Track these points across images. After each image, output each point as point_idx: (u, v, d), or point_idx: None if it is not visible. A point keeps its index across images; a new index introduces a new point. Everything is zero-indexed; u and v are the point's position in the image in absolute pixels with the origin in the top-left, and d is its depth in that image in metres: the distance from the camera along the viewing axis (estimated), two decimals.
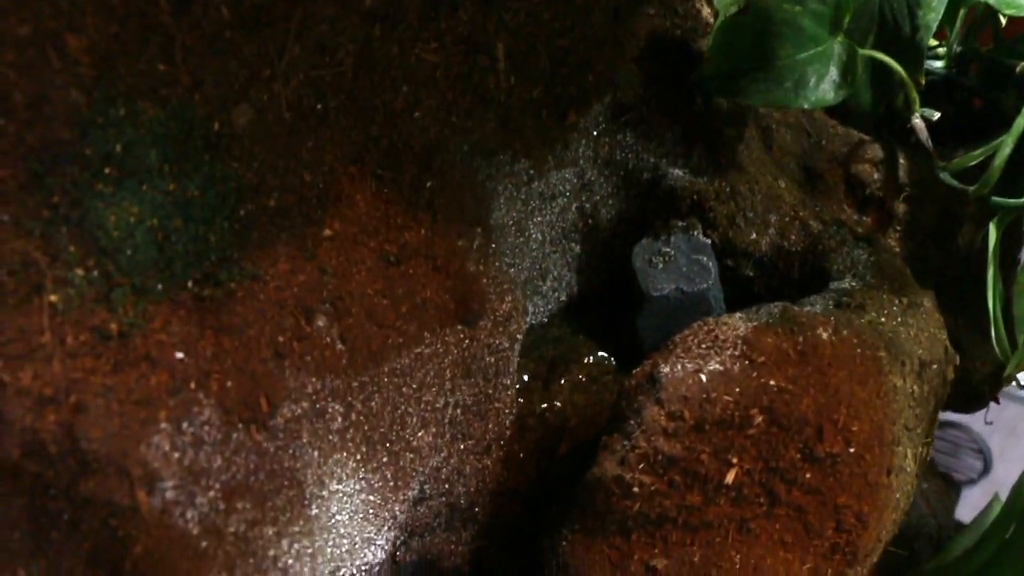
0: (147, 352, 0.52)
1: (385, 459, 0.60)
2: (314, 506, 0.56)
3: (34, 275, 0.52)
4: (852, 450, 0.61)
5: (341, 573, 0.57)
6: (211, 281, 0.55)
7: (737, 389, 0.60)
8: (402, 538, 0.69)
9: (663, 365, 0.62)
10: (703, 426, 0.60)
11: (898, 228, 0.85)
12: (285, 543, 0.54)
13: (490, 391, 0.69)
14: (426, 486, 0.67)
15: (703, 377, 0.60)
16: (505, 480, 0.72)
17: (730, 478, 0.61)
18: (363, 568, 0.59)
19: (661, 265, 0.74)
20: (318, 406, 0.57)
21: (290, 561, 0.54)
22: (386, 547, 0.60)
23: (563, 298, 0.79)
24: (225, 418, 0.53)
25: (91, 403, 0.50)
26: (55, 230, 0.52)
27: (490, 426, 0.70)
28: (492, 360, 0.68)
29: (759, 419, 0.60)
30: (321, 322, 0.58)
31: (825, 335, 0.62)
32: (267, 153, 0.59)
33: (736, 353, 0.61)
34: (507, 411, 0.71)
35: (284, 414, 0.55)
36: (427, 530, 0.70)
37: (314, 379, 0.57)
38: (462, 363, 0.65)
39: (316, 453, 0.57)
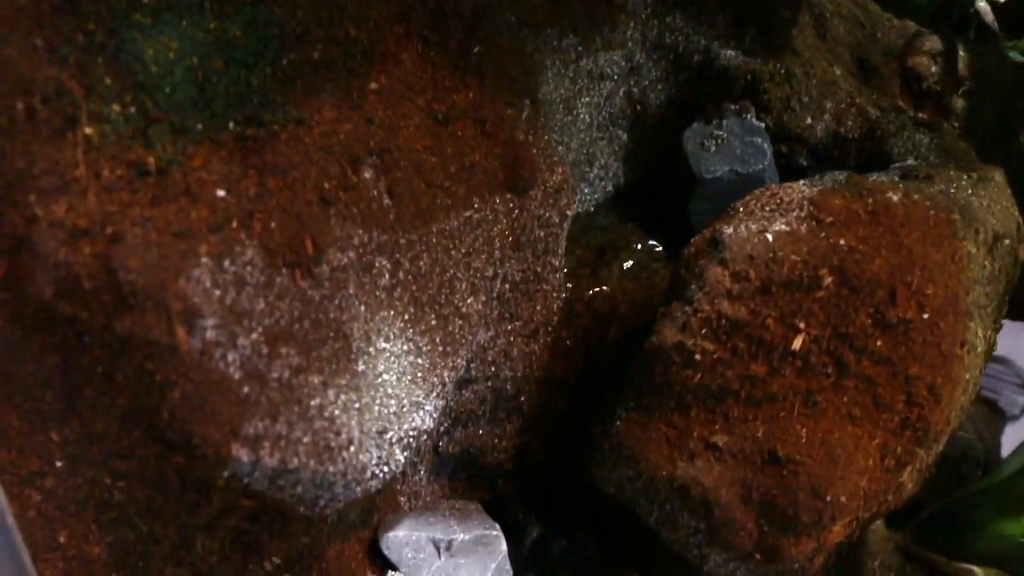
0: (187, 188, 0.49)
1: (434, 322, 0.57)
2: (361, 362, 0.53)
3: (68, 106, 0.49)
4: (926, 316, 0.57)
5: (388, 436, 0.54)
6: (254, 122, 0.52)
7: (805, 249, 0.57)
8: (445, 425, 0.66)
9: (726, 227, 0.58)
10: (769, 288, 0.57)
11: (956, 124, 0.81)
12: (331, 394, 0.51)
13: (539, 269, 0.66)
14: (472, 365, 0.64)
15: (769, 237, 0.57)
16: (552, 368, 0.69)
17: (797, 344, 0.57)
18: (411, 433, 0.55)
19: (714, 148, 0.71)
20: (365, 259, 0.54)
21: (336, 412, 0.51)
22: (434, 415, 0.57)
23: (610, 188, 0.76)
24: (269, 260, 0.50)
25: (128, 233, 0.47)
26: (90, 59, 0.50)
27: (538, 308, 0.67)
28: (542, 234, 0.65)
29: (828, 280, 0.56)
30: (368, 173, 0.55)
31: (896, 197, 0.59)
32: (311, 2, 0.56)
33: (803, 214, 0.58)
34: (555, 294, 0.68)
35: (330, 261, 0.52)
36: (471, 419, 0.67)
37: (361, 231, 0.54)
38: (511, 234, 0.62)
39: (363, 308, 0.53)
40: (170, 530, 0.57)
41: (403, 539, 0.58)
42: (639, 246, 0.71)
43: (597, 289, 0.68)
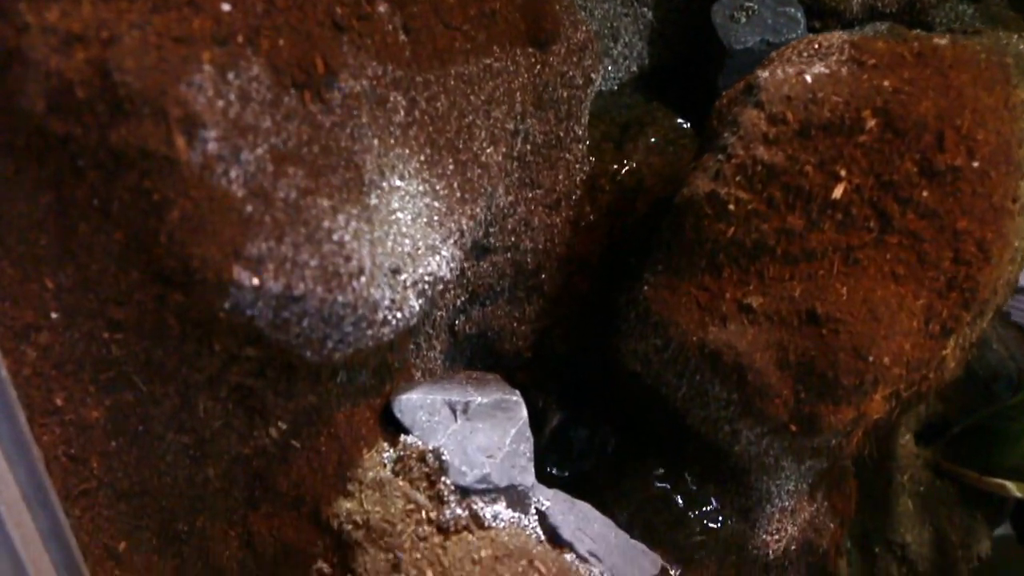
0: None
1: (452, 167, 0.53)
2: (374, 195, 0.49)
3: None
4: (976, 164, 0.54)
5: (402, 278, 0.51)
6: None
7: (847, 90, 0.53)
8: (462, 300, 0.63)
9: (762, 72, 0.55)
10: (808, 131, 0.53)
11: None
12: (341, 219, 0.47)
13: (561, 134, 0.62)
14: (492, 231, 0.60)
15: (808, 78, 0.53)
16: (574, 244, 0.65)
17: (837, 193, 0.53)
18: (426, 278, 0.52)
19: (744, 19, 0.67)
20: (379, 92, 0.50)
21: (347, 238, 0.47)
22: (451, 263, 0.53)
23: (634, 68, 0.72)
24: (276, 78, 0.47)
25: (125, 35, 0.44)
26: None
27: (560, 177, 0.63)
28: (564, 95, 0.61)
29: (871, 123, 0.53)
30: (383, 7, 0.52)
31: (943, 41, 0.55)
32: None
33: (844, 57, 0.54)
34: (578, 166, 0.64)
35: (341, 88, 0.48)
36: (489, 295, 0.64)
37: (375, 63, 0.50)
38: (533, 90, 0.59)
39: (376, 141, 0.50)
40: (170, 389, 0.54)
41: (417, 402, 0.55)
42: (666, 122, 0.68)
43: (622, 164, 0.65)
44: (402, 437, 0.54)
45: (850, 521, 0.74)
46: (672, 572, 0.68)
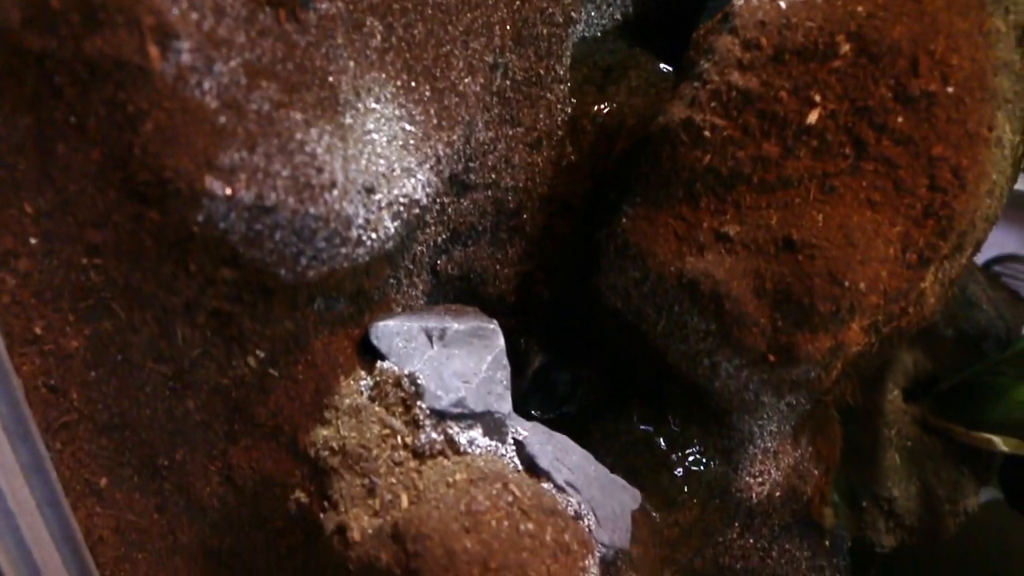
0: None
1: (428, 94, 0.54)
2: (348, 115, 0.50)
3: None
4: (950, 90, 0.54)
5: (377, 198, 0.51)
6: None
7: (821, 15, 0.53)
8: (443, 238, 0.63)
9: (737, 1, 0.55)
10: (782, 56, 0.53)
11: None
12: (314, 132, 0.47)
13: (541, 71, 0.62)
14: (472, 167, 0.61)
15: (782, 4, 0.54)
16: (556, 185, 0.65)
17: (812, 118, 0.54)
18: (402, 200, 0.52)
19: None
20: (355, 16, 0.51)
21: (319, 151, 0.47)
22: (427, 188, 0.54)
23: (617, 16, 0.73)
24: None
25: None
26: None
27: (541, 116, 0.63)
28: (544, 32, 0.62)
29: (845, 47, 0.53)
30: None
31: None
32: None
33: None
34: (559, 106, 0.65)
35: (317, 8, 0.49)
36: (471, 235, 0.64)
37: None
38: (512, 24, 0.59)
39: (352, 63, 0.50)
40: (148, 316, 0.54)
41: (394, 328, 0.55)
42: (649, 67, 0.68)
43: (604, 105, 0.65)
44: (379, 363, 0.54)
45: (835, 469, 0.74)
46: (655, 515, 0.68)
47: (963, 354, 0.87)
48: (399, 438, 0.54)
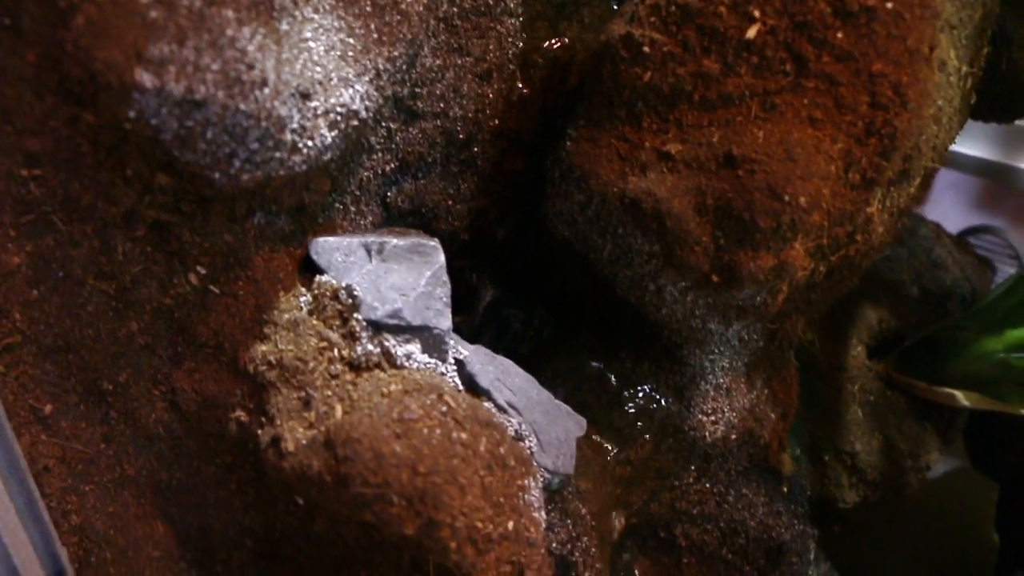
0: None
1: (369, 9, 0.54)
2: (284, 21, 0.50)
3: None
4: (889, 5, 0.54)
5: (313, 105, 0.51)
6: None
7: None
8: (392, 167, 0.63)
9: None
10: None
11: None
12: (246, 31, 0.48)
13: (490, 2, 0.63)
14: (419, 93, 0.61)
15: None
16: (507, 119, 0.65)
17: (751, 34, 0.54)
18: (339, 109, 0.52)
19: None
20: None
21: (250, 48, 0.48)
22: (367, 102, 0.54)
23: None
24: None
25: None
26: None
27: (491, 47, 0.63)
28: None
29: None
30: None
31: None
32: None
33: None
34: (510, 39, 0.65)
35: None
36: (421, 167, 0.64)
37: None
38: None
39: None
40: (89, 229, 0.54)
41: (333, 244, 0.55)
42: (602, 5, 0.68)
43: (556, 41, 0.65)
44: (317, 277, 0.54)
45: (793, 414, 0.73)
46: (607, 451, 0.67)
47: (928, 313, 0.87)
48: (336, 351, 0.54)
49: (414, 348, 0.54)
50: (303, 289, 0.55)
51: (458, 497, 0.49)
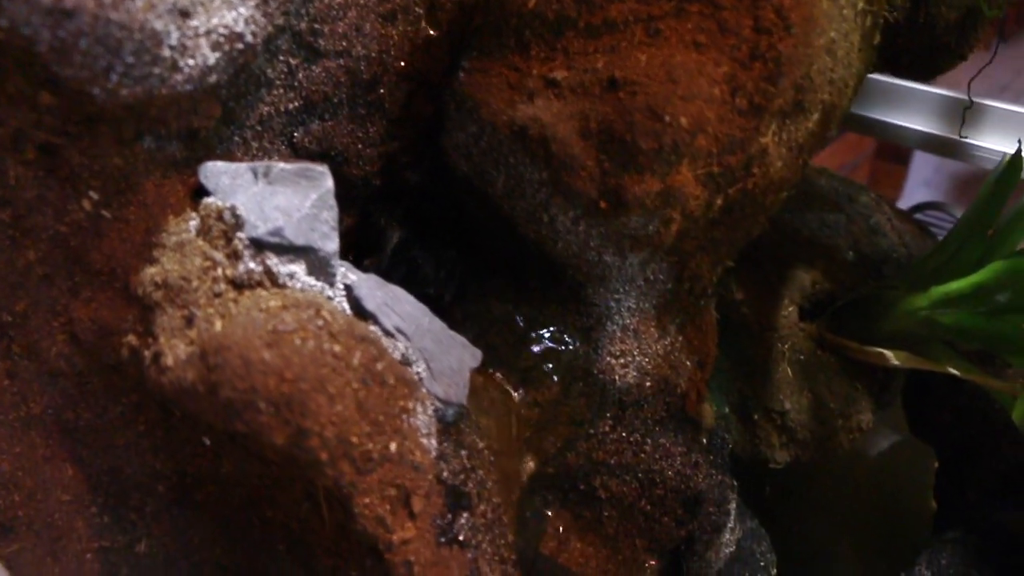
0: None
1: None
2: None
3: None
4: None
5: (194, 24, 0.52)
6: None
7: None
8: (296, 106, 0.64)
9: None
10: None
11: None
12: None
13: None
14: (319, 30, 0.62)
15: None
16: (413, 61, 0.66)
17: None
18: (222, 31, 0.53)
19: None
20: None
21: None
22: (253, 28, 0.55)
23: None
24: None
25: None
26: None
27: None
28: None
29: None
30: None
31: None
32: None
33: None
34: None
35: None
36: (328, 107, 0.65)
37: None
38: None
39: None
40: None
41: (222, 168, 0.56)
42: None
43: None
44: (204, 199, 0.55)
45: (711, 365, 0.73)
46: (514, 393, 0.67)
47: (863, 277, 0.87)
48: (220, 270, 0.54)
49: (298, 268, 0.54)
50: (192, 213, 0.56)
51: (326, 405, 0.49)
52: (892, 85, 1.02)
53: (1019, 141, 0.79)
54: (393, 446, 0.54)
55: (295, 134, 0.65)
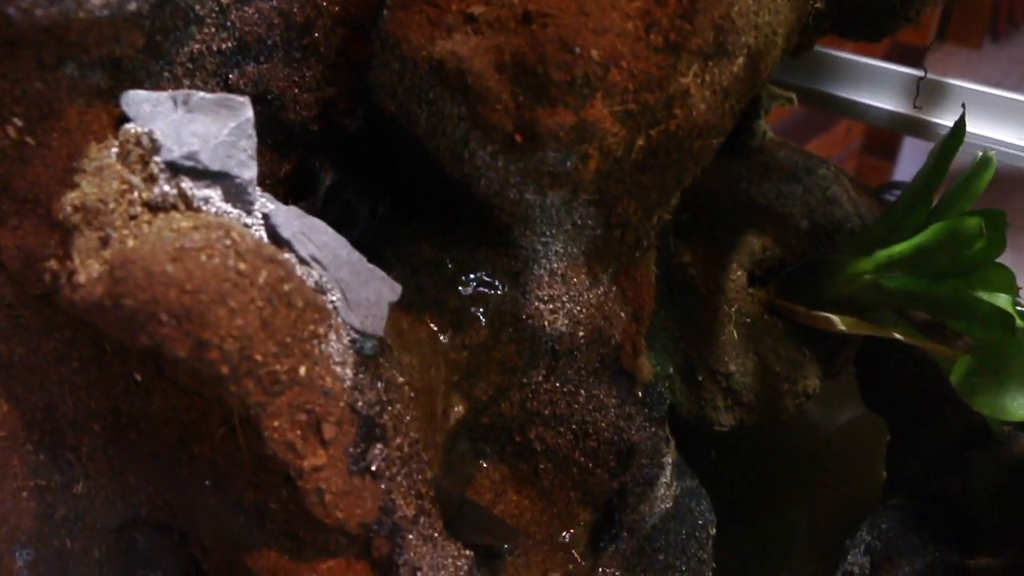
0: None
1: None
2: None
3: None
4: None
5: None
6: None
7: None
8: (230, 46, 0.65)
9: None
10: None
11: None
12: None
13: None
14: None
15: None
16: (348, 6, 0.67)
17: None
18: None
19: None
20: None
21: None
22: None
23: None
24: None
25: None
26: None
27: None
28: None
29: None
30: None
31: None
32: None
33: None
34: None
35: None
36: (262, 50, 0.66)
37: None
38: None
39: None
40: None
41: (143, 96, 0.57)
42: None
43: None
44: (124, 125, 0.56)
45: (647, 317, 0.73)
46: (442, 338, 0.68)
47: (815, 244, 0.87)
48: (136, 193, 0.55)
49: (213, 194, 0.55)
50: (114, 140, 0.57)
51: (226, 318, 0.50)
52: (851, 61, 1.02)
53: (962, 106, 0.79)
54: (302, 370, 0.54)
55: (230, 76, 0.66)
